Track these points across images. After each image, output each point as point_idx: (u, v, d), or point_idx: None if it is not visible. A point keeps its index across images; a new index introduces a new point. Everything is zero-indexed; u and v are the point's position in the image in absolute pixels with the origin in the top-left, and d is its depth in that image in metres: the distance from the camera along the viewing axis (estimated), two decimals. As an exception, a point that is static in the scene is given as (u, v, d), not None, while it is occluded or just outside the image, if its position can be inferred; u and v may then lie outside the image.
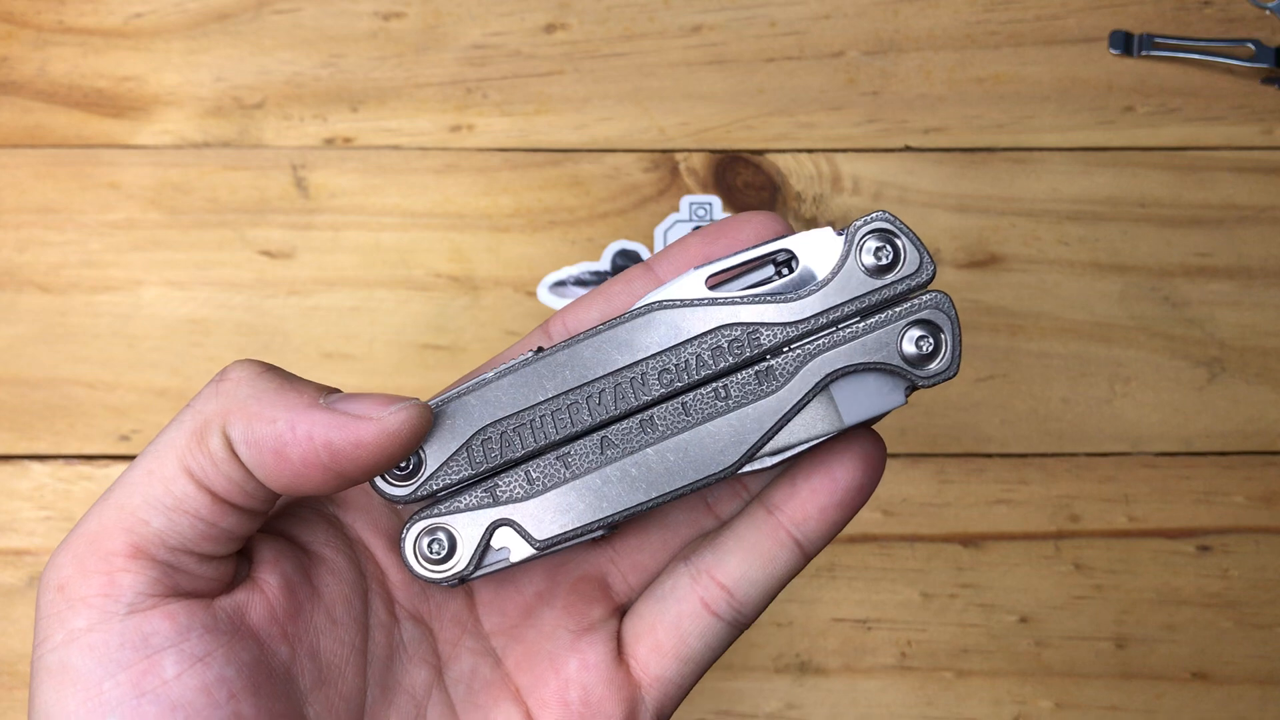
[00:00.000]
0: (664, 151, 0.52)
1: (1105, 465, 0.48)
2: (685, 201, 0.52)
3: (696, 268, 0.28)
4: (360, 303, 0.50)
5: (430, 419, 0.27)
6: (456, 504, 0.28)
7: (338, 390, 0.26)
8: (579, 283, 0.50)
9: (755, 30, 0.54)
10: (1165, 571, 0.47)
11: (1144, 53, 0.54)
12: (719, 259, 0.28)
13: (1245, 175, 0.52)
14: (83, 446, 0.48)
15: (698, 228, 0.27)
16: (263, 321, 0.50)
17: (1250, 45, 0.53)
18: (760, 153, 0.52)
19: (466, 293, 0.50)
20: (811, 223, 0.51)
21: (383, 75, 0.53)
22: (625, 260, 0.51)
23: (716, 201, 0.51)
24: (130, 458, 0.48)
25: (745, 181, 0.52)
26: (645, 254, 0.51)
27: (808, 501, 0.28)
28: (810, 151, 0.52)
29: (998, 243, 0.51)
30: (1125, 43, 0.54)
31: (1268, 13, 0.54)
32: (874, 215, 0.27)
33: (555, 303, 0.50)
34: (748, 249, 0.28)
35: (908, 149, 0.52)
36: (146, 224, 0.51)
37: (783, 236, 0.28)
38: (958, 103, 0.53)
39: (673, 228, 0.51)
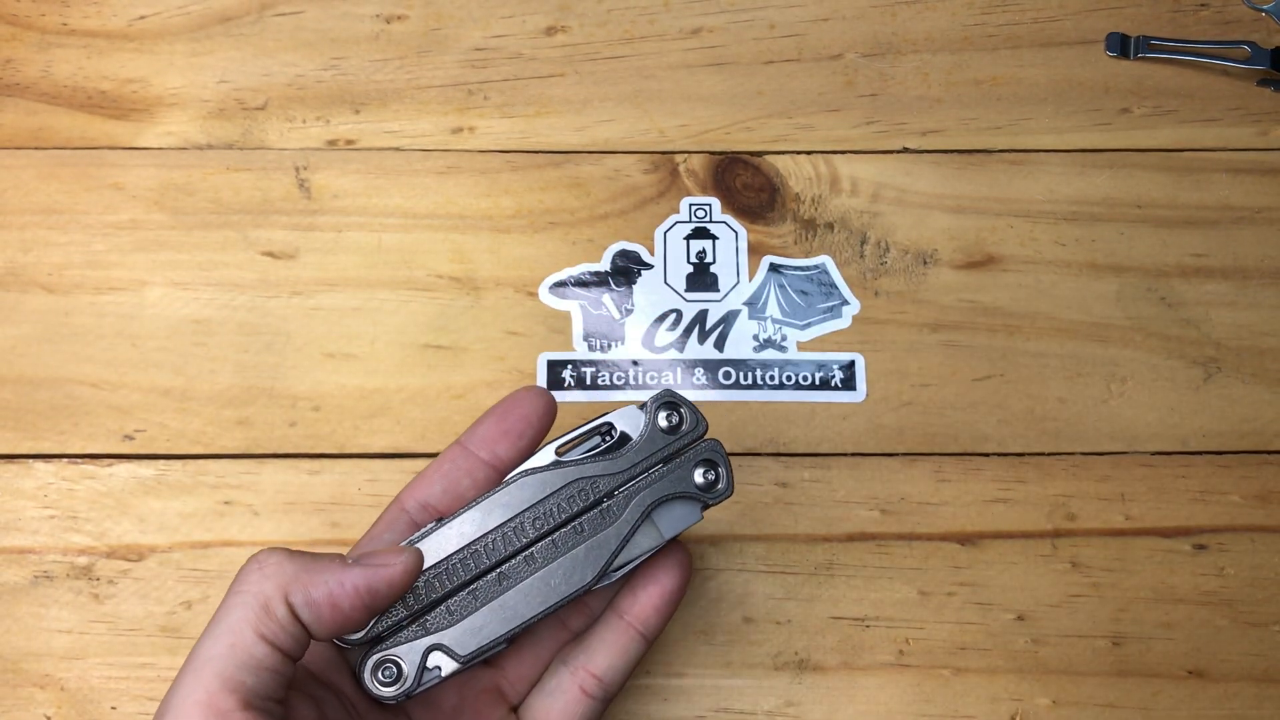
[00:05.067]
0: (664, 153, 0.53)
1: (1102, 464, 0.49)
2: (685, 203, 0.52)
3: (549, 443, 0.38)
4: (362, 303, 0.50)
5: (422, 558, 0.37)
6: (398, 638, 0.37)
7: (342, 555, 0.35)
8: (579, 283, 0.51)
9: (754, 33, 0.55)
10: (1161, 570, 0.47)
11: (1140, 55, 0.54)
12: (564, 435, 0.39)
13: (1241, 176, 0.52)
14: (87, 446, 0.48)
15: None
16: (265, 322, 0.50)
17: (1246, 47, 0.54)
18: (759, 154, 0.53)
19: (468, 293, 0.50)
20: (810, 224, 0.52)
21: (384, 77, 0.54)
22: (625, 260, 0.51)
23: (716, 203, 0.52)
24: (134, 456, 0.48)
25: (744, 183, 0.52)
26: (645, 255, 0.51)
27: (645, 605, 0.39)
28: (809, 153, 0.53)
29: (995, 243, 0.51)
30: (1122, 45, 0.54)
31: (1263, 15, 0.55)
32: (662, 392, 0.38)
33: (556, 303, 0.50)
34: (582, 425, 0.38)
35: (905, 150, 0.53)
36: (150, 225, 0.51)
37: (551, 404, 0.39)
38: (955, 105, 0.53)
39: (672, 228, 0.51)
